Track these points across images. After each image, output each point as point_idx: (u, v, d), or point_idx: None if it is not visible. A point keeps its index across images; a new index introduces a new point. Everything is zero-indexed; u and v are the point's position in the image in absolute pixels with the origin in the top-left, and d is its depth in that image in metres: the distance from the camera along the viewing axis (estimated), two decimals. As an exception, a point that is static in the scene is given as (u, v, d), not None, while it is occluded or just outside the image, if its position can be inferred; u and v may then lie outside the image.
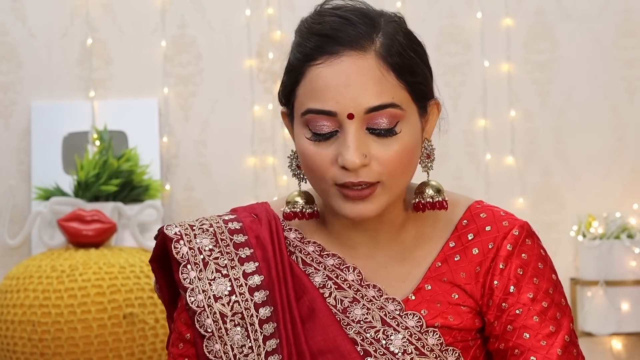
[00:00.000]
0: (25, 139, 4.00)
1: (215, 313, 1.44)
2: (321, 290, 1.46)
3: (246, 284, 1.45)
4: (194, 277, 1.46)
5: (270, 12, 4.01)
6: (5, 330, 3.24)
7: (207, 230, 1.50)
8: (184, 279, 1.46)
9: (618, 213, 3.88)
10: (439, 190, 1.48)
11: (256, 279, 1.45)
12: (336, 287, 1.46)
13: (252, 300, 1.44)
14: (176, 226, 1.50)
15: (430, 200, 1.47)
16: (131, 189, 3.74)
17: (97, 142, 3.84)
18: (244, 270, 1.46)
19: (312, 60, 1.40)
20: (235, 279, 1.46)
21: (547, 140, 4.01)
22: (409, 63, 1.42)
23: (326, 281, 1.46)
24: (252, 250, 1.48)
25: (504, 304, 1.44)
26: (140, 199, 3.76)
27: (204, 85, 4.05)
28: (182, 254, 1.47)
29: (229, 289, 1.45)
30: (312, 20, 1.44)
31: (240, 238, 1.49)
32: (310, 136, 1.41)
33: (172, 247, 1.48)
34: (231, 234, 1.50)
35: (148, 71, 4.04)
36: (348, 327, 1.43)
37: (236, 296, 1.45)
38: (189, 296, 1.45)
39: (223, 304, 1.45)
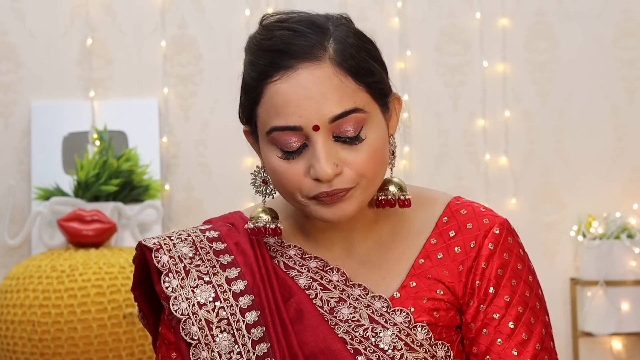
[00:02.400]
0: (25, 139, 4.00)
1: (200, 320, 1.43)
2: (307, 292, 1.46)
3: (230, 290, 1.45)
4: (177, 286, 1.45)
5: (270, 12, 4.01)
6: (5, 330, 3.24)
7: (186, 239, 1.49)
8: (166, 288, 1.45)
9: (618, 213, 3.88)
10: (401, 188, 1.46)
11: (240, 284, 1.45)
12: (321, 288, 1.46)
13: (237, 305, 1.44)
14: (154, 238, 1.49)
15: (393, 197, 1.46)
16: (131, 189, 3.74)
17: (97, 142, 3.84)
18: (226, 276, 1.46)
19: (268, 78, 1.39)
20: (218, 285, 1.45)
21: (547, 140, 4.01)
22: (364, 64, 1.40)
23: (311, 283, 1.46)
24: (232, 257, 1.47)
25: (482, 306, 1.45)
26: (140, 199, 3.76)
27: (204, 85, 4.05)
28: (163, 263, 1.46)
29: (212, 295, 1.44)
30: (260, 37, 1.43)
31: (220, 245, 1.49)
32: (281, 155, 1.40)
33: (153, 256, 1.46)
34: (210, 242, 1.49)
35: (148, 71, 4.04)
36: (336, 326, 1.43)
37: (220, 302, 1.44)
38: (173, 304, 1.44)
39: (208, 311, 1.43)
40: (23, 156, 4.00)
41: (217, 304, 1.44)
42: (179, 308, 1.44)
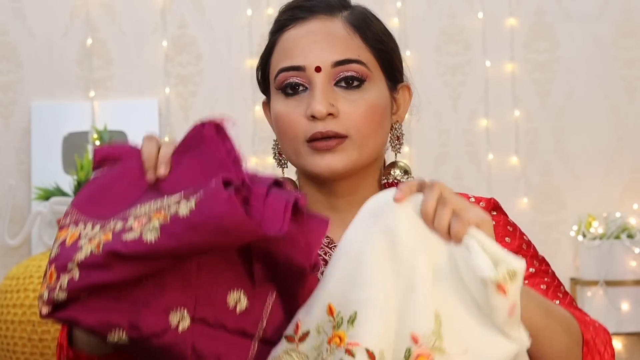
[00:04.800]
0: (25, 139, 4.00)
1: None
2: None
3: None
4: None
5: (270, 12, 4.00)
6: (5, 330, 3.24)
7: None
8: None
9: (618, 213, 3.88)
10: (406, 171, 1.52)
11: None
12: (325, 264, 1.48)
13: None
14: None
15: (397, 180, 1.51)
16: (131, 189, 3.74)
17: (97, 142, 3.84)
18: None
19: (284, 28, 1.49)
20: None
21: (547, 140, 4.01)
22: (374, 33, 1.50)
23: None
24: None
25: None
26: (140, 199, 3.76)
27: (204, 85, 4.05)
28: None
29: None
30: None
31: None
32: (283, 97, 1.47)
33: None
34: None
35: (148, 71, 4.04)
36: None
37: None
38: None
39: None
40: (23, 156, 4.00)
41: None
42: None
